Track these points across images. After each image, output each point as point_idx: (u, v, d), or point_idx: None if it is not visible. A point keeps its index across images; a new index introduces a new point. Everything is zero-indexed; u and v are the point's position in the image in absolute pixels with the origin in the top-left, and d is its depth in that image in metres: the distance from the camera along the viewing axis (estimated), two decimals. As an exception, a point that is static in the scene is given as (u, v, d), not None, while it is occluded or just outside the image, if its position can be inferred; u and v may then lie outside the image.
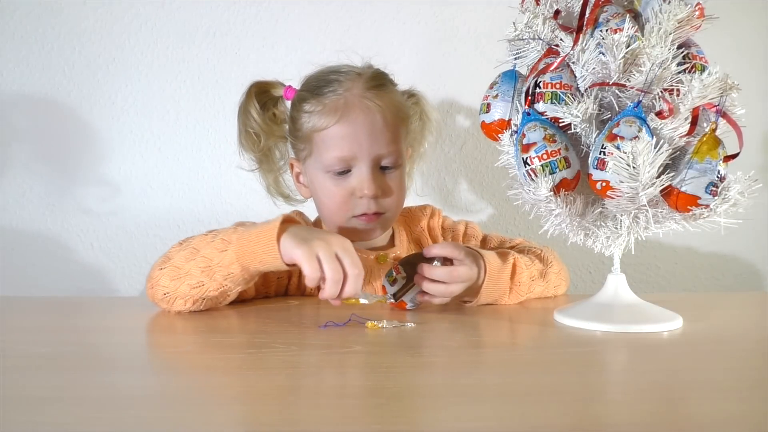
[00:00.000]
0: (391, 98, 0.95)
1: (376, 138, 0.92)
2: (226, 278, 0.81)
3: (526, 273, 0.90)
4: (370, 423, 0.47)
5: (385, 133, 0.93)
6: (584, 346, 0.70)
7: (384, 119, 0.92)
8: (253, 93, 1.01)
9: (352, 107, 0.92)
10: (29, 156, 1.28)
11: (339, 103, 0.92)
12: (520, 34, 0.80)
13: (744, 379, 0.59)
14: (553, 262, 0.96)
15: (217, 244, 0.81)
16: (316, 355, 0.66)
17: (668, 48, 0.72)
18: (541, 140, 0.74)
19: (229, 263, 0.80)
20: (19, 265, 1.28)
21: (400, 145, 0.95)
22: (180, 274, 0.82)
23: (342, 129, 0.92)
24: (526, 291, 0.91)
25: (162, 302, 0.84)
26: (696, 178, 0.69)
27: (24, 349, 0.67)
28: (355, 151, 0.92)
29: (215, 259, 0.81)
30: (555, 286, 0.97)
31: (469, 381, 0.58)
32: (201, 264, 0.81)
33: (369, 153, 0.92)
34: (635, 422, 0.48)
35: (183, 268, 0.82)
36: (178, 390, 0.56)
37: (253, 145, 1.01)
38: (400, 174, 0.97)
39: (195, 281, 0.82)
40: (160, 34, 1.28)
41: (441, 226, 1.07)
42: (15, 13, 1.26)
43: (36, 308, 0.92)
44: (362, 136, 0.91)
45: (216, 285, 0.82)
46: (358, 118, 0.92)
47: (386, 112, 0.93)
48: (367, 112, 0.92)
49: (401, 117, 0.96)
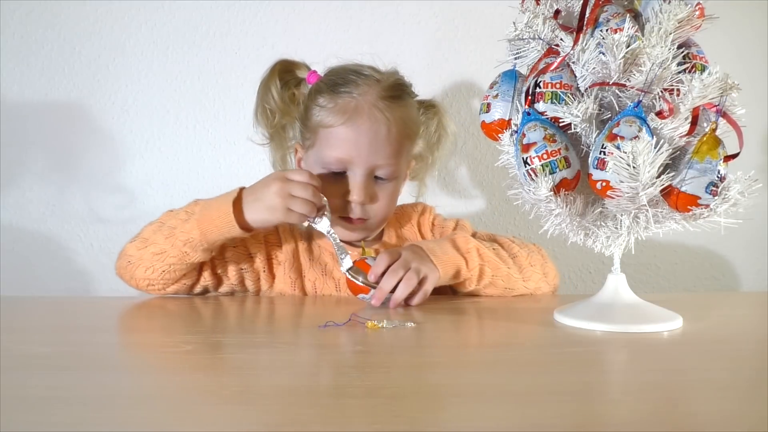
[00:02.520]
0: (403, 112, 0.97)
1: (376, 148, 0.94)
2: (186, 244, 0.88)
3: (473, 244, 0.91)
4: (370, 423, 0.47)
5: (387, 146, 0.94)
6: (584, 346, 0.70)
7: (389, 132, 0.94)
8: (277, 70, 1.03)
9: (360, 113, 0.93)
10: (29, 156, 1.28)
11: (350, 105, 0.94)
12: (520, 34, 0.80)
13: (744, 379, 0.59)
14: (533, 256, 0.97)
15: (181, 215, 0.90)
16: (316, 355, 0.66)
17: (668, 48, 0.72)
18: (541, 140, 0.74)
19: (190, 229, 0.88)
20: (19, 265, 1.28)
21: (400, 159, 0.97)
22: (146, 243, 0.90)
23: (346, 131, 0.93)
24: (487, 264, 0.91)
25: (125, 271, 0.91)
26: (696, 178, 0.69)
27: (24, 349, 0.67)
28: (353, 156, 0.93)
29: (178, 227, 0.89)
30: (526, 279, 0.96)
31: (469, 381, 0.58)
32: (165, 232, 0.89)
33: (366, 161, 0.94)
34: (635, 422, 0.48)
35: (149, 238, 0.91)
36: (178, 390, 0.56)
37: (267, 120, 1.03)
38: (394, 186, 0.98)
39: (158, 248, 0.89)
40: (160, 34, 1.28)
41: (431, 223, 1.08)
42: (15, 13, 1.26)
43: (36, 308, 0.92)
44: (363, 143, 0.93)
45: (176, 252, 0.88)
46: (364, 124, 0.93)
47: (393, 126, 0.94)
48: (374, 120, 0.93)
49: (408, 133, 0.98)
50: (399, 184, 1.01)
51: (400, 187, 1.02)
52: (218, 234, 0.88)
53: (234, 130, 1.30)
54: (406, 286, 0.84)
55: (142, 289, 0.94)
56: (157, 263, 0.90)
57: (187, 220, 0.88)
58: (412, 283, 0.85)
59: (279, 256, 1.00)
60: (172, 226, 0.89)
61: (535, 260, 0.97)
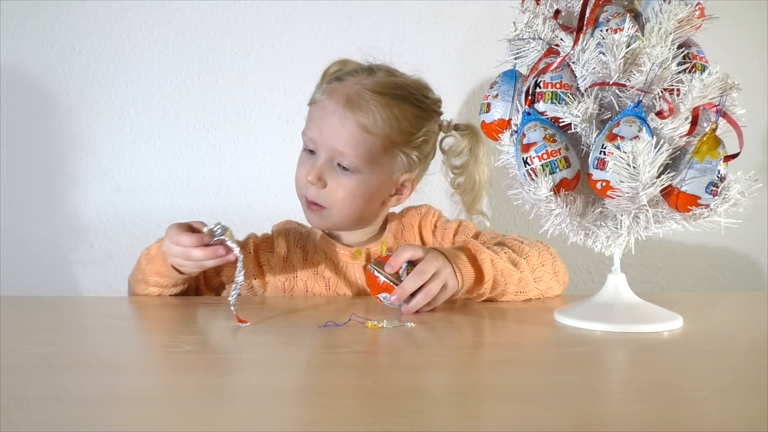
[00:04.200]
0: (385, 112, 0.93)
1: (338, 134, 0.93)
2: (155, 285, 0.93)
3: (486, 254, 0.88)
4: (370, 423, 0.47)
5: (350, 135, 0.92)
6: (584, 346, 0.70)
7: (357, 122, 0.92)
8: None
9: (336, 95, 0.94)
10: (29, 156, 1.28)
11: (334, 87, 0.95)
12: (520, 34, 0.80)
13: (744, 379, 0.59)
14: (544, 255, 0.95)
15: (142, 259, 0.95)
16: (316, 355, 0.66)
17: (668, 48, 0.72)
18: (541, 140, 0.74)
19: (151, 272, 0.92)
20: (19, 265, 1.28)
21: (364, 153, 0.93)
22: (132, 283, 0.97)
23: (316, 110, 0.96)
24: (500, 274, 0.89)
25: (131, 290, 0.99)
26: (696, 177, 0.69)
27: (24, 349, 0.67)
28: (315, 135, 0.94)
29: (145, 269, 0.93)
30: (537, 280, 0.93)
31: (469, 381, 0.58)
32: (138, 277, 0.95)
33: (326, 144, 0.94)
34: (635, 422, 0.48)
35: (131, 282, 0.98)
36: (178, 390, 0.56)
37: None
38: (355, 180, 0.94)
39: (141, 288, 0.95)
40: (160, 34, 1.28)
41: (434, 225, 1.07)
42: (15, 13, 1.26)
43: (36, 308, 0.92)
44: (326, 125, 0.93)
45: (156, 290, 0.94)
46: (332, 107, 0.93)
47: (365, 118, 0.92)
48: (344, 105, 0.93)
49: (385, 134, 0.94)
50: (364, 182, 0.95)
51: (366, 186, 0.96)
52: (168, 276, 0.92)
53: (234, 130, 1.30)
54: (425, 297, 0.82)
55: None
56: (149, 292, 0.95)
57: (149, 263, 0.93)
58: (432, 294, 0.83)
59: (270, 260, 1.00)
60: (142, 270, 0.94)
61: (546, 259, 0.96)
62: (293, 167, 1.01)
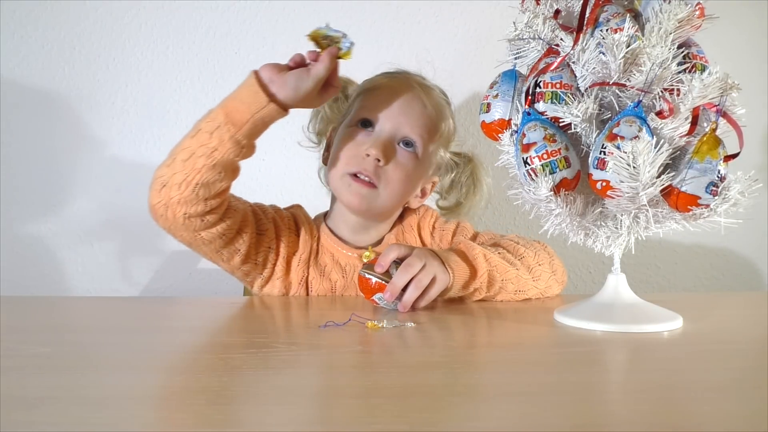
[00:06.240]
0: (448, 110, 1.03)
1: (407, 113, 0.97)
2: (212, 134, 0.85)
3: (478, 250, 0.89)
4: (370, 423, 0.47)
5: (419, 116, 0.98)
6: (584, 346, 0.70)
7: (422, 104, 0.98)
8: None
9: (400, 80, 1.00)
10: (29, 156, 1.28)
11: (404, 76, 1.02)
12: (520, 34, 0.80)
13: (744, 379, 0.59)
14: (540, 254, 0.96)
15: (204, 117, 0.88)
16: (316, 355, 0.66)
17: (668, 48, 0.72)
18: (541, 140, 0.74)
19: (214, 117, 0.86)
20: (19, 265, 1.28)
21: (426, 140, 0.98)
22: (174, 154, 0.87)
23: (383, 92, 0.98)
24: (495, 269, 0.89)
25: (160, 198, 0.87)
26: (696, 177, 0.69)
27: (24, 349, 0.67)
28: (383, 110, 0.97)
29: (203, 123, 0.87)
30: (536, 279, 0.94)
31: (469, 381, 0.58)
32: (191, 133, 0.87)
33: (396, 122, 0.96)
34: (635, 422, 0.48)
35: (175, 149, 0.88)
36: (178, 390, 0.56)
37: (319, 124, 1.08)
38: (411, 161, 0.97)
39: (186, 153, 0.85)
40: (160, 34, 1.28)
41: (432, 226, 1.07)
42: (15, 13, 1.26)
43: (36, 308, 0.92)
44: (397, 104, 0.97)
45: (204, 150, 0.85)
46: (400, 89, 0.98)
47: (427, 100, 0.99)
48: (411, 89, 0.99)
49: (438, 117, 1.00)
50: (416, 168, 0.98)
51: (417, 173, 0.99)
52: (246, 111, 0.85)
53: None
54: (416, 288, 0.83)
55: (180, 226, 0.88)
56: (189, 171, 0.85)
57: (210, 112, 0.87)
58: (422, 285, 0.83)
59: (298, 253, 0.99)
60: (197, 127, 0.87)
61: (543, 258, 0.96)
62: (293, 167, 1.01)
